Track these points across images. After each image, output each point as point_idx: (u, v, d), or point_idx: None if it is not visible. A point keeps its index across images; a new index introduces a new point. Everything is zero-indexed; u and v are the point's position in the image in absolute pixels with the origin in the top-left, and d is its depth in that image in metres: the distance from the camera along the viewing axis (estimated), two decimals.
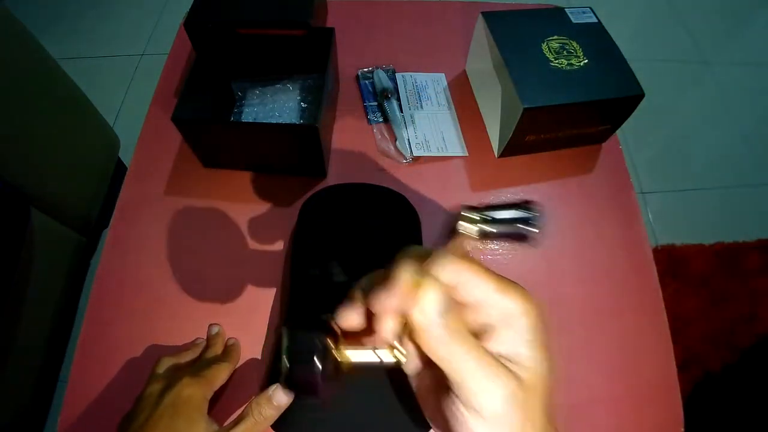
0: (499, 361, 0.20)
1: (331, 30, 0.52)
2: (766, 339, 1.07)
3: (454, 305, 0.20)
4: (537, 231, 0.22)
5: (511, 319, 0.21)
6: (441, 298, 0.20)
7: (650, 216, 1.28)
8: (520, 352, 0.21)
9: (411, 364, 0.24)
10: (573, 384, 0.42)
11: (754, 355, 1.05)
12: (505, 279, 0.22)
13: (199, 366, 0.37)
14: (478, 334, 0.21)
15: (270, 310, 0.44)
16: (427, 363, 0.22)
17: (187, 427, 0.31)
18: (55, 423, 0.40)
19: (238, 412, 0.32)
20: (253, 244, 0.48)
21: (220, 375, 0.37)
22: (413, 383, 0.25)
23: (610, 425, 0.40)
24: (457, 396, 0.20)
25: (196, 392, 0.33)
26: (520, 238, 0.22)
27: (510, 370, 0.20)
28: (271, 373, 0.38)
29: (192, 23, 0.53)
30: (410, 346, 0.23)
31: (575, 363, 0.43)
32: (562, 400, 0.41)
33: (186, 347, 0.41)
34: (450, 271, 0.21)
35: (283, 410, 0.31)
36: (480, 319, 0.22)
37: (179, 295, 0.45)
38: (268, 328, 0.43)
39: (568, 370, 0.42)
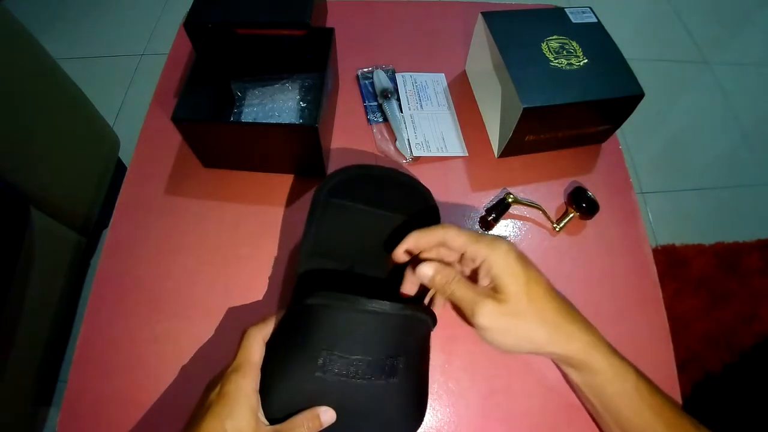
0: (483, 291, 0.34)
1: (331, 30, 0.52)
2: (766, 339, 1.07)
3: (442, 269, 0.34)
4: None
5: (487, 262, 0.33)
6: (429, 265, 0.34)
7: (650, 216, 1.28)
8: (498, 283, 0.33)
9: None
10: None
11: (754, 355, 1.05)
12: (477, 234, 0.35)
13: (237, 353, 0.33)
14: (476, 278, 0.35)
15: (270, 309, 0.44)
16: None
17: (235, 427, 0.29)
18: (55, 423, 0.39)
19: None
20: (252, 244, 0.48)
21: (254, 349, 0.32)
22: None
23: None
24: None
25: (239, 385, 0.30)
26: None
27: (490, 295, 0.33)
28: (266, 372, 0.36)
29: (192, 23, 0.53)
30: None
31: None
32: (561, 400, 0.41)
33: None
34: (435, 232, 0.35)
35: None
36: (473, 263, 0.35)
37: (179, 295, 0.45)
38: None
39: None
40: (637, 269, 0.48)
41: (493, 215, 0.49)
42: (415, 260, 0.37)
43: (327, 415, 0.31)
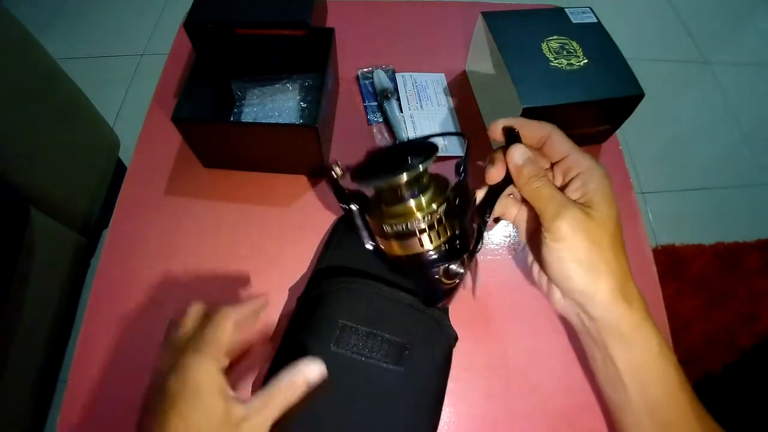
0: (571, 200, 0.29)
1: (331, 30, 0.52)
2: (766, 339, 1.07)
3: (535, 161, 0.30)
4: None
5: (586, 174, 0.30)
6: (524, 150, 0.30)
7: (650, 216, 1.28)
8: (592, 198, 0.29)
9: (522, 233, 0.34)
10: (573, 385, 0.42)
11: (754, 355, 1.04)
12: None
13: (204, 329, 0.29)
14: (562, 188, 0.31)
15: (269, 309, 0.44)
16: (530, 220, 0.33)
17: (205, 418, 0.26)
18: (55, 423, 0.40)
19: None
20: (252, 244, 0.48)
21: (226, 329, 0.29)
22: (527, 255, 0.34)
23: (609, 426, 0.40)
24: (542, 225, 0.29)
25: (204, 369, 0.27)
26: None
27: (578, 206, 0.29)
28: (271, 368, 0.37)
29: (192, 23, 0.53)
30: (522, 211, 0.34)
31: (575, 364, 0.43)
32: (561, 401, 0.41)
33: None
34: (543, 126, 0.32)
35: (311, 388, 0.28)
36: (565, 174, 0.31)
37: (179, 295, 0.45)
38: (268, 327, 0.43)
39: (568, 372, 0.42)
40: (637, 269, 0.48)
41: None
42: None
43: (311, 369, 0.29)
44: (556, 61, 0.49)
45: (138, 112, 0.58)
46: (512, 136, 0.32)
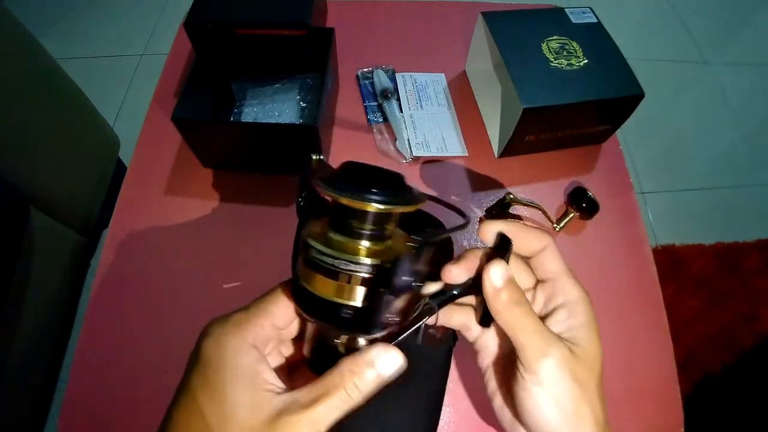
0: (556, 335, 0.24)
1: (331, 30, 0.52)
2: (766, 339, 1.07)
3: (517, 285, 0.25)
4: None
5: (573, 305, 0.25)
6: (505, 271, 0.24)
7: (650, 216, 1.28)
8: (578, 334, 0.24)
9: (486, 356, 0.28)
10: None
11: (754, 355, 1.05)
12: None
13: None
14: (544, 317, 0.26)
15: None
16: (501, 344, 0.28)
17: (220, 408, 0.20)
18: (55, 423, 0.40)
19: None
20: (252, 244, 0.48)
21: (273, 302, 0.25)
22: (488, 381, 0.28)
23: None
24: (520, 362, 0.24)
25: (225, 342, 0.22)
26: None
27: (565, 343, 0.24)
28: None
29: (192, 23, 0.53)
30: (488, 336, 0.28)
31: None
32: None
33: None
34: (542, 238, 0.26)
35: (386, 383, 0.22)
36: (548, 299, 0.26)
37: (179, 295, 0.45)
38: None
39: None
40: (637, 269, 0.48)
41: (493, 215, 0.49)
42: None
43: (385, 358, 0.22)
44: (556, 61, 0.49)
45: (138, 112, 0.58)
46: (503, 246, 0.26)
